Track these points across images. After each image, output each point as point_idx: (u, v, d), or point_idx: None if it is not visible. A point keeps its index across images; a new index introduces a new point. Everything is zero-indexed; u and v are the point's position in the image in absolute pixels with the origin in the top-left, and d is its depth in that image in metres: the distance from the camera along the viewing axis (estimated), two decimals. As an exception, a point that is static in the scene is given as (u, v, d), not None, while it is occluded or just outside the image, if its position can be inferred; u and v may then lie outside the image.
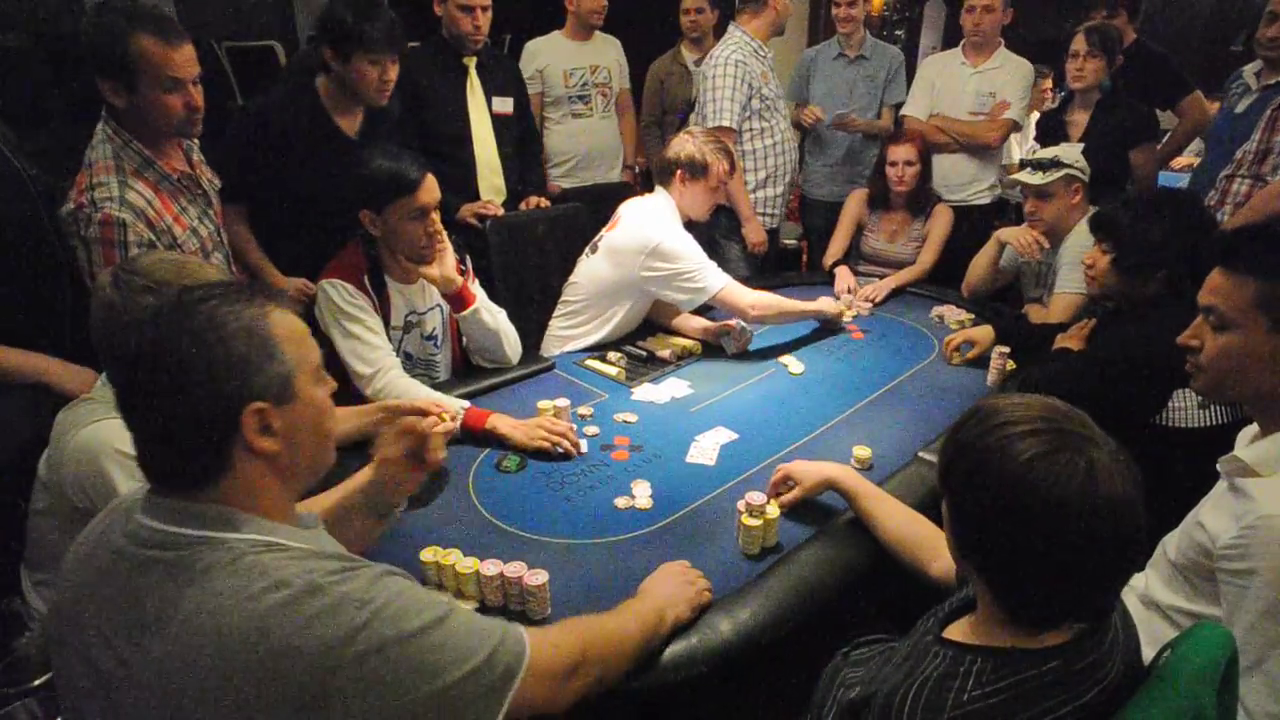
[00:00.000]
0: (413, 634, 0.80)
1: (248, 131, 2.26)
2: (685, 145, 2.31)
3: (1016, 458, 0.82)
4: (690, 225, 2.37)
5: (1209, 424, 1.66)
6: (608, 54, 3.42)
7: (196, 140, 1.97)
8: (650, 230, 2.24)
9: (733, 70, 2.89)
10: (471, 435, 1.77)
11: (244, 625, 0.76)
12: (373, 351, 1.85)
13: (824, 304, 2.46)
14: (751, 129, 3.02)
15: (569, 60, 3.32)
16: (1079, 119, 2.94)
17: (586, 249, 2.40)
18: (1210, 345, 1.24)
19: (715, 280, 2.25)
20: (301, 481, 0.94)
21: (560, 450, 1.72)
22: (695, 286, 2.25)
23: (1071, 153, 2.40)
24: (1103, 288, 1.98)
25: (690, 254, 2.24)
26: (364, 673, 0.77)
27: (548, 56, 3.32)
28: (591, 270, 2.35)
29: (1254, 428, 1.26)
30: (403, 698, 0.79)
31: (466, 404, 1.81)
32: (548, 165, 3.43)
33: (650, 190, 2.47)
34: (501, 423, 1.76)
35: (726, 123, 2.92)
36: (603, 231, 2.39)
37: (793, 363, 2.22)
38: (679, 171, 2.31)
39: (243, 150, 2.24)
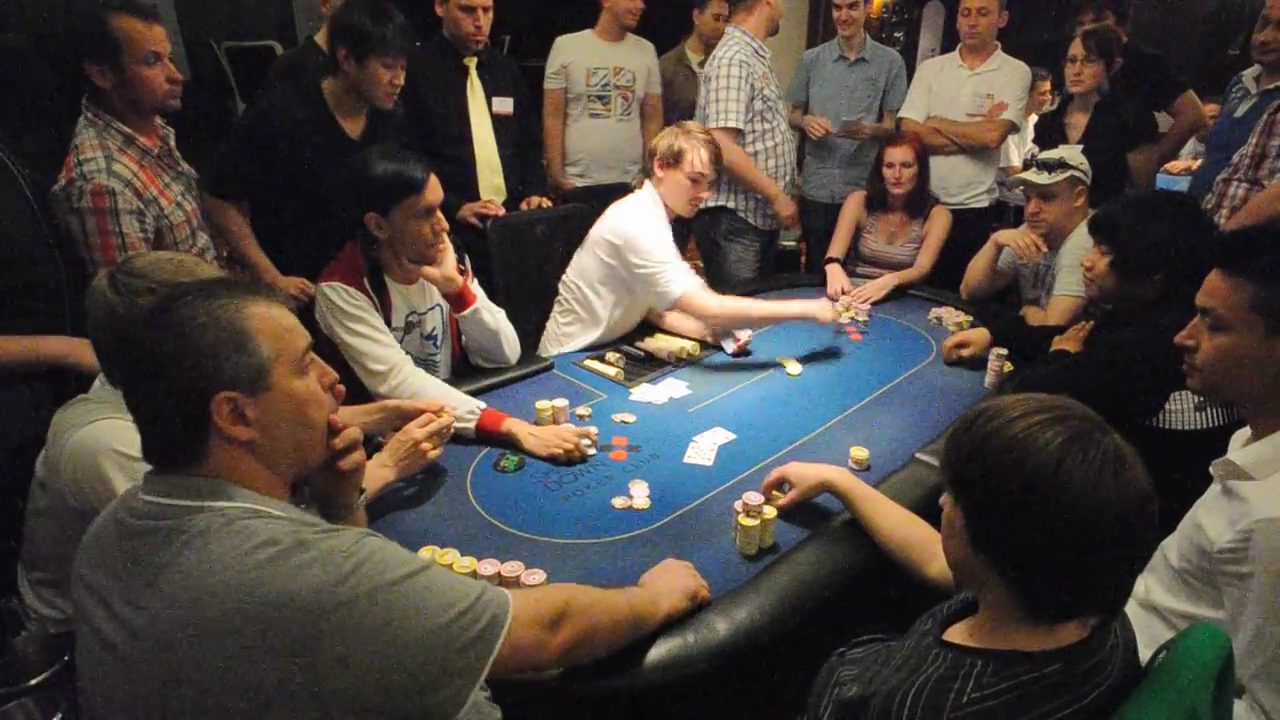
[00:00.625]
0: (399, 580, 0.84)
1: (252, 130, 2.27)
2: (665, 136, 2.32)
3: (1045, 448, 0.82)
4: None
5: (1206, 426, 1.66)
6: (636, 58, 3.39)
7: (173, 130, 2.05)
8: (626, 222, 2.25)
9: (737, 71, 2.88)
10: (486, 437, 1.77)
11: (238, 579, 0.79)
12: (384, 350, 1.85)
13: (812, 307, 2.31)
14: (754, 130, 3.02)
15: (594, 59, 3.31)
16: (1078, 121, 2.95)
17: (580, 247, 2.42)
18: (1206, 346, 1.25)
19: (678, 283, 2.23)
20: (289, 466, 0.96)
21: (577, 455, 1.72)
22: (659, 290, 2.24)
23: (1076, 155, 2.41)
24: (1101, 290, 1.98)
25: (658, 252, 2.23)
26: (354, 615, 0.79)
27: (573, 53, 3.30)
28: (579, 264, 2.37)
29: (1247, 431, 1.27)
30: (392, 640, 0.81)
31: (482, 405, 1.81)
32: (564, 162, 3.43)
33: None
34: (519, 428, 1.76)
35: (732, 124, 2.92)
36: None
37: (791, 364, 2.23)
38: (657, 161, 2.32)
39: (246, 149, 2.25)
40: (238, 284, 0.93)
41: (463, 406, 1.78)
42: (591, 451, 1.75)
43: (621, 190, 3.37)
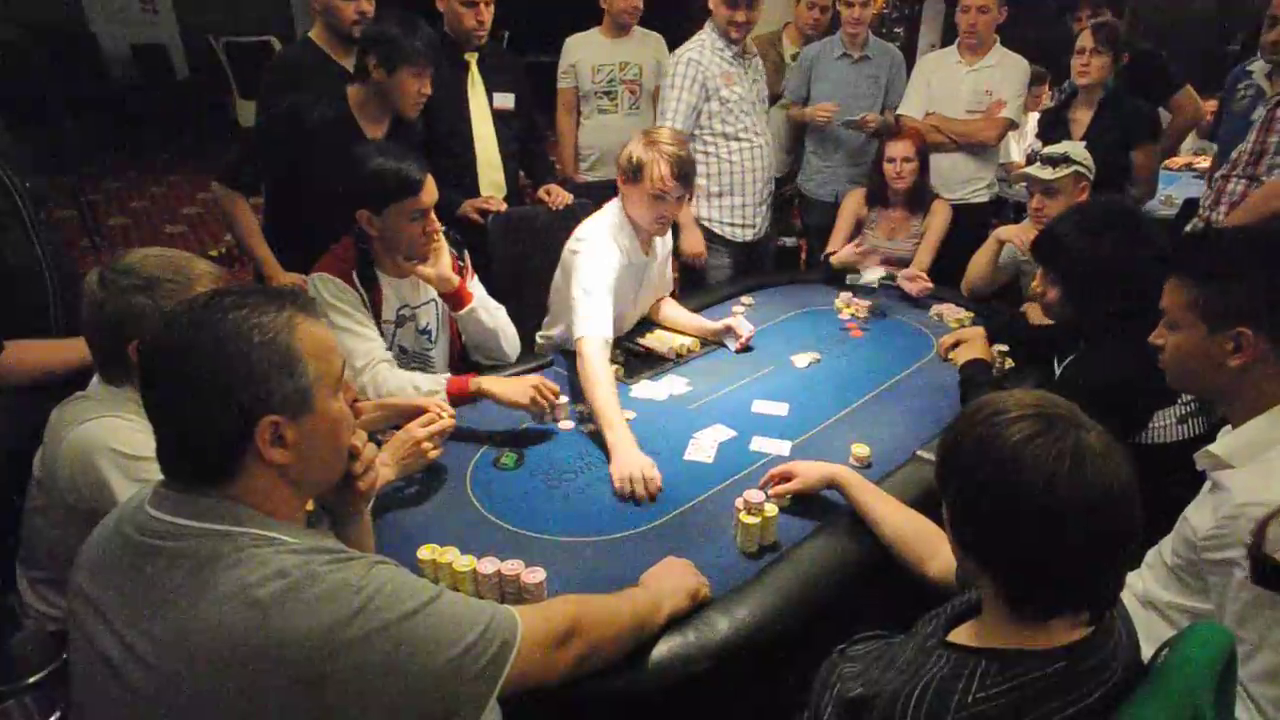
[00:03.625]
0: (409, 614, 0.83)
1: (276, 128, 2.28)
2: (630, 144, 2.10)
3: (1007, 442, 0.84)
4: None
5: (1189, 436, 1.65)
6: (642, 52, 3.36)
7: None
8: (579, 238, 2.11)
9: (683, 69, 2.77)
10: (462, 401, 1.78)
11: (245, 613, 0.78)
12: (362, 344, 1.83)
13: (618, 455, 1.66)
14: (711, 130, 2.88)
15: (599, 56, 3.30)
16: (1081, 117, 2.93)
17: None
18: (1167, 344, 1.31)
19: (584, 325, 1.94)
20: (312, 487, 0.95)
21: (545, 416, 1.76)
22: (574, 313, 1.99)
23: (1080, 151, 2.39)
24: (1058, 318, 1.89)
25: (589, 279, 2.00)
26: (365, 653, 0.79)
27: (580, 52, 3.31)
28: (557, 272, 2.32)
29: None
30: (403, 676, 0.80)
31: (445, 377, 1.82)
32: (578, 159, 3.44)
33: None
34: (488, 382, 1.78)
35: (676, 124, 2.80)
36: None
37: (799, 357, 2.22)
38: (620, 174, 2.12)
39: (267, 145, 2.28)
40: (283, 295, 0.91)
41: (428, 387, 1.79)
42: (565, 421, 1.82)
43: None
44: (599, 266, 2.03)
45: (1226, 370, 1.22)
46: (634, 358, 2.26)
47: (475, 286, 2.09)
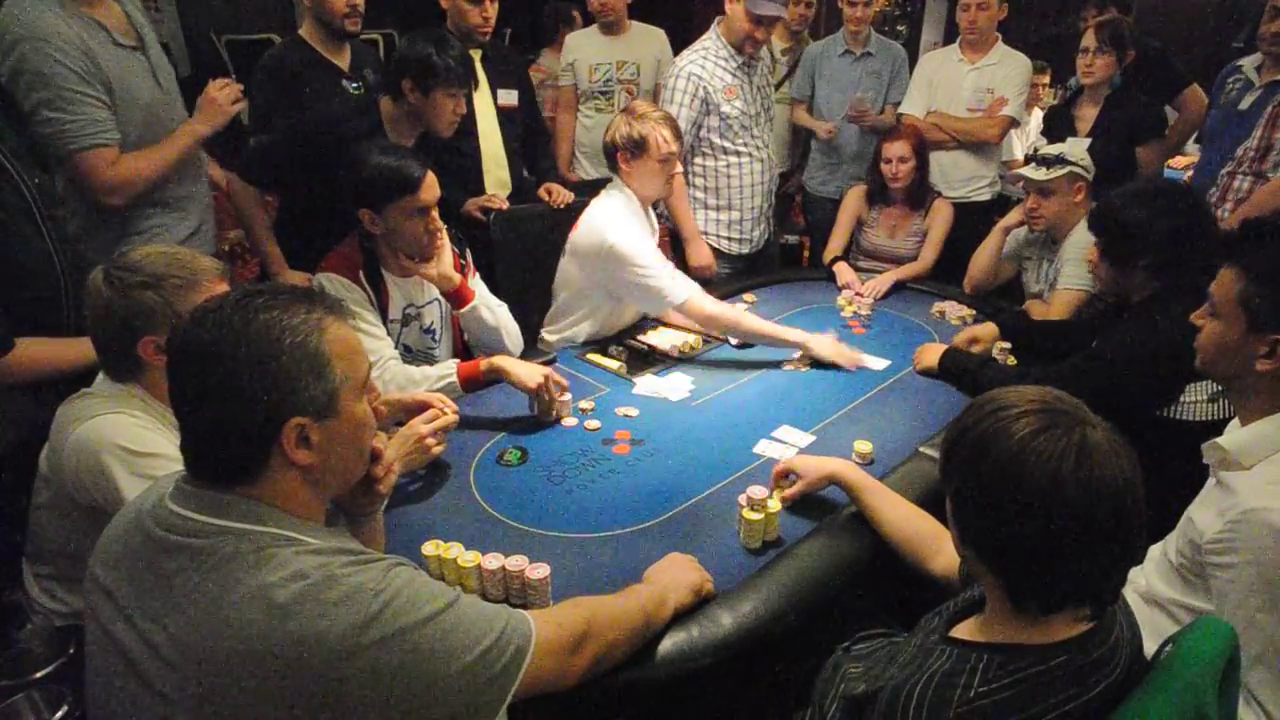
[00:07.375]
0: (425, 620, 0.83)
1: (306, 134, 2.27)
2: (619, 125, 2.21)
3: (1012, 438, 0.84)
4: (673, 246, 2.27)
5: (1217, 418, 1.66)
6: (641, 50, 3.34)
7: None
8: (605, 231, 2.16)
9: (684, 84, 2.72)
10: (475, 384, 1.82)
11: (264, 614, 0.78)
12: (372, 341, 1.84)
13: (813, 340, 2.14)
14: (710, 144, 2.84)
15: (596, 55, 3.29)
16: (1087, 114, 2.93)
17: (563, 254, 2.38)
18: (1205, 328, 1.31)
19: (678, 290, 2.16)
20: (333, 489, 0.96)
21: (549, 413, 1.79)
22: (658, 297, 2.17)
23: (1077, 150, 2.39)
24: (1101, 281, 1.99)
25: (644, 256, 2.16)
26: (380, 658, 0.79)
27: (579, 51, 3.31)
28: (564, 272, 2.33)
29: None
30: (419, 681, 0.81)
31: (454, 362, 1.84)
32: (573, 157, 3.44)
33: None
34: (501, 360, 1.82)
35: None
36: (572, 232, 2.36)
37: (800, 356, 2.21)
38: (619, 155, 2.22)
39: (294, 149, 2.26)
40: (313, 297, 0.91)
41: (438, 373, 1.81)
42: (568, 419, 1.84)
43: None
44: (643, 244, 2.17)
45: (1252, 371, 1.22)
46: (637, 355, 2.26)
47: (477, 284, 2.10)
